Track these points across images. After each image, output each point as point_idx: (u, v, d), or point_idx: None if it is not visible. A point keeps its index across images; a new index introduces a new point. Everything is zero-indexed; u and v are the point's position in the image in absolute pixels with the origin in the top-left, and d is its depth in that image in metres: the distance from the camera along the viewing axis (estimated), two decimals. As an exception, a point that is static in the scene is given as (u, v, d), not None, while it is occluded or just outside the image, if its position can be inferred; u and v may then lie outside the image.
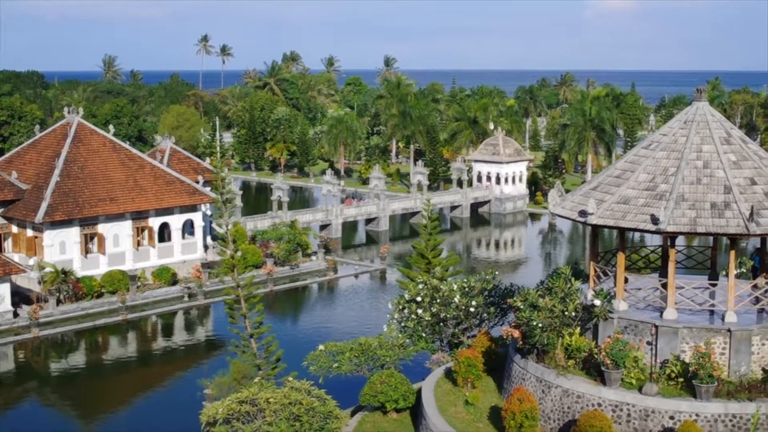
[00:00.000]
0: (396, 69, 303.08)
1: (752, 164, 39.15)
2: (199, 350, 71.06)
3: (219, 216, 52.14)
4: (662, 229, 37.12)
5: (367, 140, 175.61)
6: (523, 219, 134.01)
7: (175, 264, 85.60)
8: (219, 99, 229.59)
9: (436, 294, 51.16)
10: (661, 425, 36.16)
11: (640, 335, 38.54)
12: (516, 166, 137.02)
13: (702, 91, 42.24)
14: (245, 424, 36.01)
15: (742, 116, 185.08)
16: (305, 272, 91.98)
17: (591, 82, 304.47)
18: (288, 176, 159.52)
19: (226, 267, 51.57)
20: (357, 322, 75.00)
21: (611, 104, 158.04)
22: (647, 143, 41.70)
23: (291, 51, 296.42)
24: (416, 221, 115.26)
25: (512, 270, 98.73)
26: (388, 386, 42.92)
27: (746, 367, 37.51)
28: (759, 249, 45.30)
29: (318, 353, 47.83)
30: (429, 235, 64.95)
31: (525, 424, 36.81)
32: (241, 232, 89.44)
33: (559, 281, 40.05)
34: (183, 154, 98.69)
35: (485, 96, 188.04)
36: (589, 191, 40.85)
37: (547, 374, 39.09)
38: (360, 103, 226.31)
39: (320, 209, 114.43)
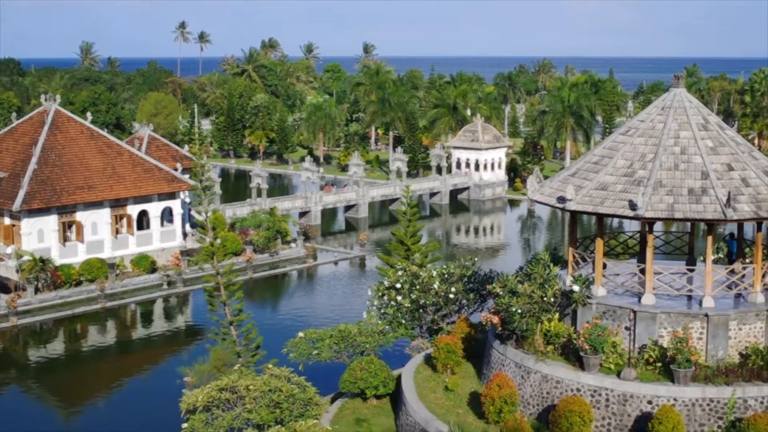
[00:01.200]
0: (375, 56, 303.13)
1: (729, 150, 39.35)
2: (178, 338, 70.96)
3: (198, 203, 52.09)
4: (640, 215, 37.29)
5: (346, 127, 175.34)
6: (502, 205, 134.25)
7: (154, 252, 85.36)
8: (197, 86, 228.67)
9: (416, 280, 51.21)
10: (640, 410, 36.38)
11: (618, 320, 38.74)
12: (495, 153, 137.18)
13: (680, 78, 42.40)
14: (225, 411, 36.00)
15: (720, 102, 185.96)
16: (284, 259, 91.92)
17: (569, 68, 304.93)
18: (267, 163, 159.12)
19: (206, 254, 51.48)
20: (336, 309, 75.04)
21: (589, 91, 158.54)
22: (625, 129, 41.83)
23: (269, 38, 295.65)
24: (395, 208, 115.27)
25: (491, 256, 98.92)
26: (368, 373, 43.03)
27: (723, 352, 37.77)
28: (732, 234, 45.63)
29: (298, 340, 47.84)
30: (408, 221, 64.98)
31: (504, 409, 36.99)
32: (220, 219, 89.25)
33: (538, 267, 40.19)
34: (161, 142, 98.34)
35: (464, 83, 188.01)
36: (568, 177, 40.97)
37: (527, 360, 39.25)
38: (339, 90, 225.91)
39: (299, 196, 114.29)
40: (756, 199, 37.45)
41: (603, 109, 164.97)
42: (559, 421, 35.60)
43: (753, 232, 40.71)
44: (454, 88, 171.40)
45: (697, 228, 47.54)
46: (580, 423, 35.32)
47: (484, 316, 41.44)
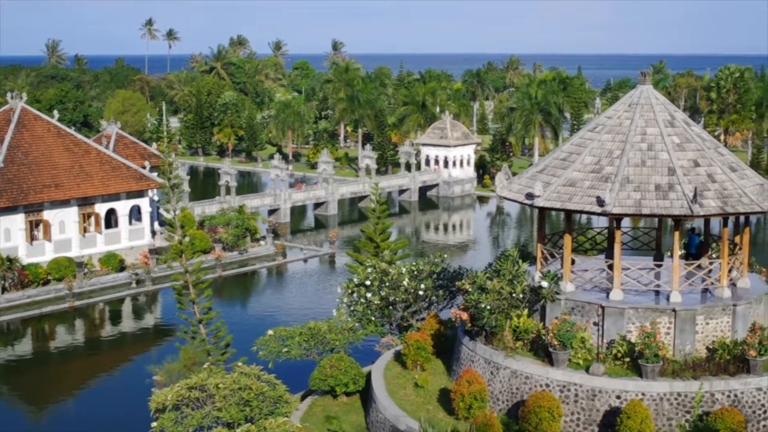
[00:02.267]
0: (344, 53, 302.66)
1: (695, 146, 39.66)
2: (147, 337, 70.66)
3: (166, 201, 51.91)
4: (608, 211, 37.52)
5: (315, 124, 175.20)
6: (471, 202, 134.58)
7: (123, 250, 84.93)
8: (165, 84, 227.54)
9: (385, 277, 51.26)
10: (608, 404, 36.62)
11: (587, 316, 38.96)
12: (464, 150, 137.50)
13: (646, 75, 42.69)
14: (195, 410, 35.85)
15: (686, 99, 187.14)
16: (254, 257, 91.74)
17: (537, 65, 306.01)
18: (236, 161, 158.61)
19: (174, 253, 51.29)
20: (306, 306, 74.98)
21: (557, 88, 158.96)
22: (593, 126, 42.08)
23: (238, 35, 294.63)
24: (365, 205, 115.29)
25: (461, 253, 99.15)
26: (338, 370, 43.06)
27: (691, 346, 38.08)
28: (693, 228, 45.98)
29: (267, 338, 47.79)
30: (377, 218, 65.04)
31: (474, 405, 37.11)
32: (189, 217, 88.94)
33: (507, 263, 40.32)
34: (129, 140, 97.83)
35: (433, 80, 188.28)
36: (536, 174, 41.15)
37: (496, 356, 39.40)
38: (308, 87, 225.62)
39: (268, 194, 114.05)
40: (722, 195, 37.77)
41: (571, 106, 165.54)
42: (529, 417, 35.76)
43: (719, 228, 41.04)
44: (422, 86, 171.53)
45: (665, 224, 47.87)
46: (549, 418, 35.49)
47: (454, 313, 41.53)
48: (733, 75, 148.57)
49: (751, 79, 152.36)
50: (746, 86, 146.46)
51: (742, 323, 38.71)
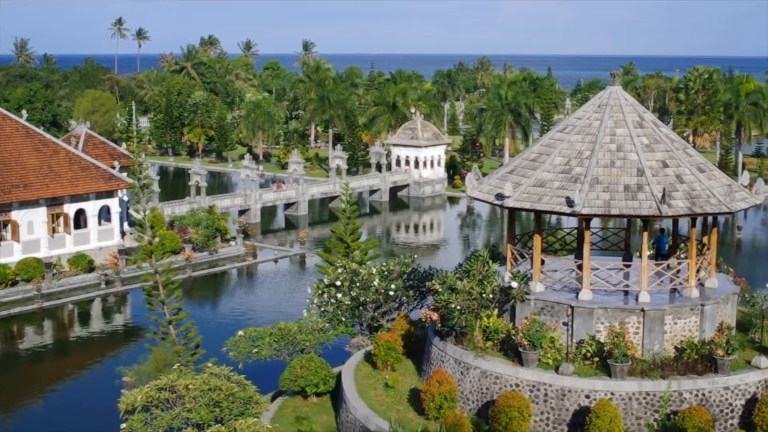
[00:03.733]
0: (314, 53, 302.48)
1: (664, 147, 39.93)
2: (117, 338, 70.29)
3: (136, 202, 51.76)
4: (577, 212, 37.71)
5: (285, 125, 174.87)
6: (441, 202, 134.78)
7: (92, 251, 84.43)
8: (135, 83, 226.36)
9: (356, 278, 51.29)
10: (578, 404, 36.80)
11: (556, 316, 39.13)
12: (434, 150, 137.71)
13: (616, 76, 42.94)
14: (164, 411, 35.75)
15: (655, 100, 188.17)
16: (224, 258, 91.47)
17: (508, 66, 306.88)
18: (206, 161, 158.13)
19: (144, 253, 51.12)
20: (276, 307, 74.83)
21: (528, 88, 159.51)
22: (562, 127, 42.27)
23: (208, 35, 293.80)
24: (335, 205, 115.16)
25: (431, 253, 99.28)
26: (308, 370, 43.03)
27: (659, 346, 38.33)
28: (662, 229, 46.28)
29: (237, 339, 47.69)
30: (348, 219, 65.04)
31: (444, 405, 37.18)
32: (158, 217, 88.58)
33: (477, 264, 40.44)
34: (98, 140, 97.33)
35: (404, 80, 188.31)
36: (506, 174, 41.29)
37: (466, 356, 39.49)
38: (278, 87, 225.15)
39: (239, 194, 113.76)
40: (690, 196, 38.05)
41: (541, 107, 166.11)
42: (499, 417, 35.87)
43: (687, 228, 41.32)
44: (393, 86, 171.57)
45: (634, 224, 48.16)
46: (519, 418, 35.61)
47: (424, 313, 41.60)
48: (701, 76, 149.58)
49: (720, 81, 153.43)
50: (715, 88, 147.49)
51: (709, 323, 39.00)
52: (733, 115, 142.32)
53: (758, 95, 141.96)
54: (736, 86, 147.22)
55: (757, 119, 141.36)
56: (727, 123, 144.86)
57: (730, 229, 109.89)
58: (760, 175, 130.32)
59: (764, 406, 35.92)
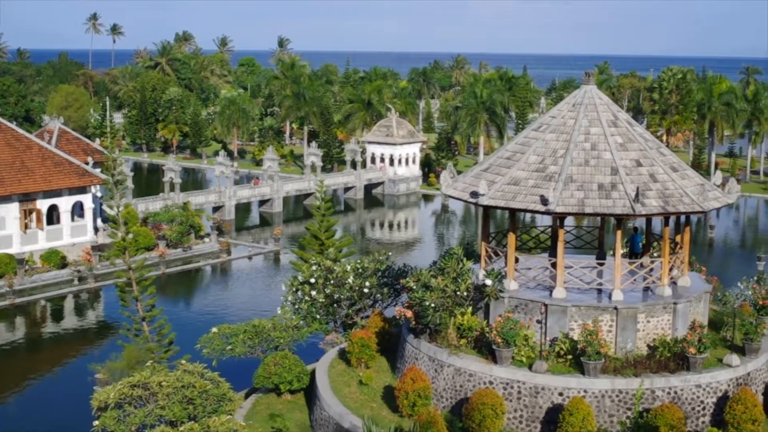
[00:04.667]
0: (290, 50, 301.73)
1: (638, 146, 40.11)
2: (89, 334, 69.95)
3: (110, 198, 51.47)
4: (551, 210, 37.82)
5: (260, 121, 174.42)
6: (416, 200, 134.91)
7: (65, 247, 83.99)
8: (109, 79, 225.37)
9: (330, 275, 51.27)
10: (551, 402, 36.93)
11: (530, 314, 39.25)
12: (409, 148, 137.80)
13: (590, 75, 43.11)
14: (137, 408, 35.62)
15: (630, 100, 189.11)
16: (198, 254, 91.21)
17: (483, 64, 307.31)
18: (180, 157, 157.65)
19: (117, 249, 50.92)
20: (251, 304, 74.70)
21: (503, 87, 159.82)
22: (537, 125, 42.38)
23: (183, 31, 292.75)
24: (310, 203, 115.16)
25: (405, 251, 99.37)
26: (282, 368, 42.96)
27: (632, 344, 38.51)
28: (636, 228, 46.52)
29: (211, 336, 47.54)
30: (322, 216, 65.00)
31: (418, 403, 37.23)
32: (132, 214, 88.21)
33: (452, 261, 40.50)
34: (72, 135, 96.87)
35: (379, 78, 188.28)
36: (481, 172, 41.37)
37: (440, 353, 39.55)
38: (253, 84, 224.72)
39: (213, 191, 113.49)
40: (663, 195, 38.25)
41: (516, 105, 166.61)
42: (472, 414, 35.94)
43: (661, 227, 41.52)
44: (369, 83, 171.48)
45: (607, 222, 48.36)
46: (492, 415, 35.70)
47: (398, 310, 41.63)
48: (675, 76, 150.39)
49: (693, 81, 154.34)
50: (688, 87, 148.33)
51: (682, 321, 39.23)
52: (706, 115, 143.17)
53: (731, 95, 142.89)
54: (709, 86, 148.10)
55: (730, 119, 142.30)
56: (700, 123, 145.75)
57: (703, 228, 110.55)
58: (732, 174, 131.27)
59: (735, 404, 36.17)
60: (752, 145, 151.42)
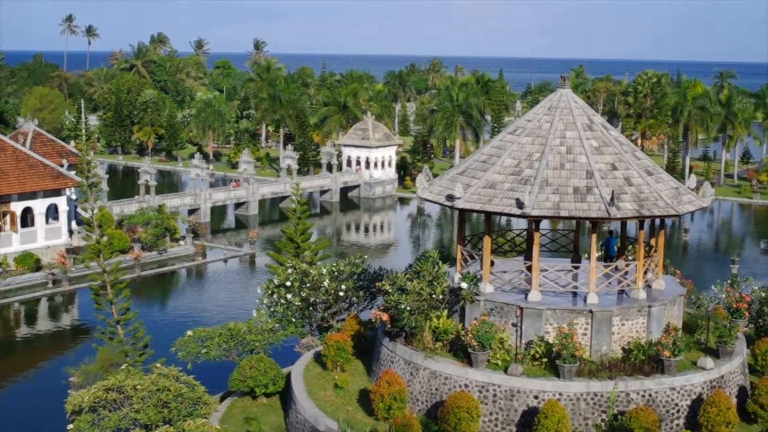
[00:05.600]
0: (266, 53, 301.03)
1: (613, 150, 40.26)
2: (64, 338, 69.61)
3: (84, 200, 51.28)
4: (527, 213, 37.91)
5: (236, 124, 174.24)
6: (392, 203, 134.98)
7: (39, 249, 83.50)
8: (84, 81, 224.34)
9: (306, 278, 51.21)
10: (526, 405, 36.99)
11: (505, 317, 39.32)
12: (385, 151, 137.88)
13: (566, 79, 43.24)
14: (112, 411, 35.46)
15: (605, 103, 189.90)
16: (173, 257, 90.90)
17: (459, 68, 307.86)
18: (155, 160, 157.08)
19: (92, 252, 50.67)
20: (226, 307, 74.53)
21: (479, 90, 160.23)
22: (513, 129, 42.47)
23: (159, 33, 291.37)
24: (286, 205, 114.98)
25: (381, 254, 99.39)
26: (258, 371, 42.87)
27: (607, 347, 38.64)
28: (611, 231, 46.71)
29: (186, 339, 47.41)
30: (298, 219, 64.93)
31: (394, 406, 37.21)
32: (107, 216, 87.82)
33: (427, 265, 40.54)
34: (46, 137, 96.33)
35: (355, 81, 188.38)
36: (456, 176, 41.42)
37: (415, 357, 39.56)
38: (229, 86, 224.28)
39: (189, 193, 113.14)
40: (638, 198, 38.41)
41: (492, 109, 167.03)
42: (448, 417, 35.97)
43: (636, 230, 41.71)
44: (344, 86, 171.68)
45: (583, 226, 48.51)
46: (468, 418, 35.74)
47: (374, 314, 41.63)
48: (650, 80, 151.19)
49: (668, 85, 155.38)
50: (663, 91, 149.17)
51: (656, 324, 39.40)
52: (680, 118, 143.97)
53: (705, 99, 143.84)
54: (684, 90, 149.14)
55: (704, 123, 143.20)
56: (675, 126, 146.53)
57: (677, 232, 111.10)
58: (706, 178, 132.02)
59: (709, 407, 36.36)
60: (726, 148, 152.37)
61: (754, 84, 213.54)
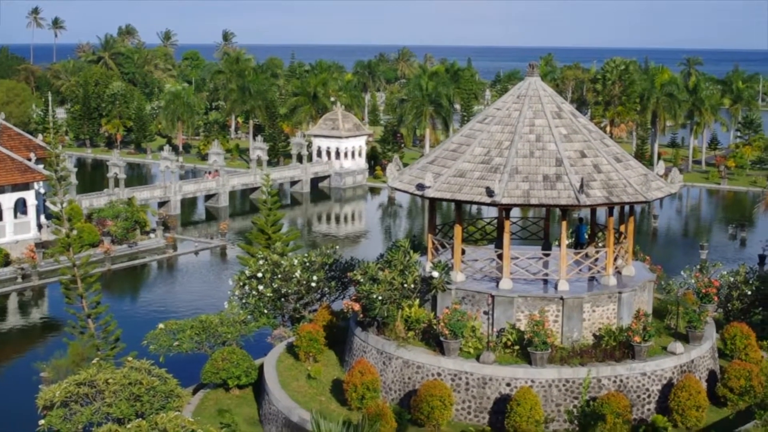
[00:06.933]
0: (234, 44, 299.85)
1: (582, 137, 40.43)
2: (34, 332, 69.18)
3: (53, 194, 50.85)
4: (497, 202, 38.03)
5: (205, 116, 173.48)
6: (362, 193, 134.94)
7: (8, 244, 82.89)
8: (51, 74, 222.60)
9: (277, 269, 51.16)
10: (499, 392, 37.17)
11: (477, 305, 39.45)
12: (355, 141, 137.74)
13: (534, 67, 43.37)
14: (84, 406, 35.33)
15: (573, 91, 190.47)
16: (144, 250, 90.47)
17: (429, 57, 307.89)
18: (124, 153, 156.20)
19: (62, 246, 50.36)
20: (198, 299, 74.29)
21: (448, 79, 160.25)
22: (482, 117, 42.56)
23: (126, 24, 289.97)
24: (256, 197, 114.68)
25: (352, 244, 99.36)
26: (230, 363, 42.83)
27: (578, 334, 38.87)
28: (581, 218, 46.95)
29: (158, 332, 47.23)
30: (269, 210, 64.78)
31: (367, 395, 37.29)
32: (76, 210, 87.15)
33: (398, 254, 40.59)
34: (14, 131, 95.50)
35: (324, 71, 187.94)
36: (427, 165, 41.47)
37: (388, 346, 39.64)
38: (198, 78, 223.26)
39: (158, 186, 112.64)
40: (607, 185, 38.60)
41: (461, 98, 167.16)
42: (421, 406, 36.10)
43: (605, 217, 41.93)
44: (314, 76, 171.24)
45: (553, 213, 48.72)
46: (441, 407, 35.89)
47: (346, 304, 41.68)
48: (618, 68, 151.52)
49: (636, 72, 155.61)
50: (631, 79, 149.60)
51: (627, 310, 39.66)
52: (648, 105, 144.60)
53: (673, 86, 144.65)
54: (651, 77, 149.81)
55: (672, 110, 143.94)
56: (643, 113, 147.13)
57: (647, 218, 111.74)
58: (675, 164, 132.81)
59: (680, 391, 36.69)
60: (694, 135, 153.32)
61: (720, 71, 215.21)
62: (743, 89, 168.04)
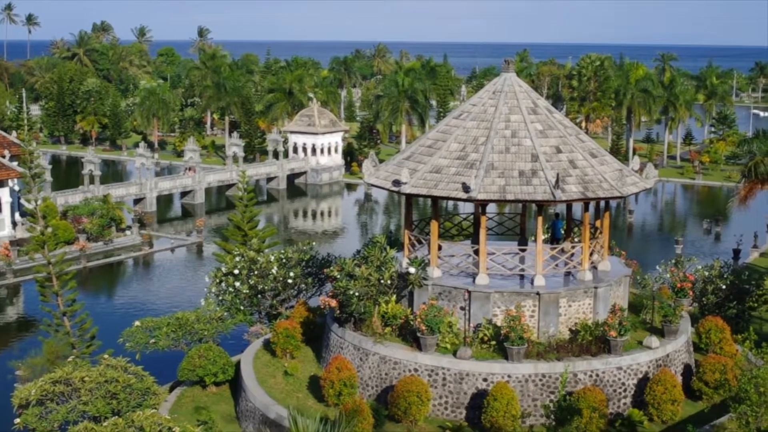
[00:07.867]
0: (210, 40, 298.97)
1: (557, 133, 40.56)
2: (9, 331, 68.80)
3: (27, 191, 50.65)
4: (473, 197, 38.10)
5: (181, 112, 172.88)
6: (339, 189, 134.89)
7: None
8: (25, 70, 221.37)
9: (254, 266, 51.08)
10: (476, 387, 37.26)
11: (453, 301, 39.52)
12: (331, 137, 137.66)
13: (510, 63, 43.43)
14: (60, 404, 35.14)
15: (549, 87, 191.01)
16: (120, 247, 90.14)
17: (404, 53, 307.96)
18: (100, 149, 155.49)
19: (36, 244, 50.10)
20: (174, 296, 74.12)
21: (424, 75, 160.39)
22: (458, 113, 42.61)
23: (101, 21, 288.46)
24: (232, 193, 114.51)
25: (329, 240, 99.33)
26: (207, 360, 42.73)
27: (554, 329, 39.00)
28: (557, 214, 47.11)
29: (134, 329, 47.05)
30: (245, 207, 64.66)
31: (344, 392, 37.28)
32: (51, 207, 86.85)
33: (375, 250, 40.60)
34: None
35: (300, 67, 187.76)
36: (403, 161, 41.49)
37: (365, 342, 39.66)
38: (173, 74, 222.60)
39: (134, 183, 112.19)
40: (583, 181, 38.74)
41: (437, 94, 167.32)
42: (398, 402, 36.13)
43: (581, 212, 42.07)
44: (289, 73, 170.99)
45: (529, 209, 48.83)
46: (418, 402, 35.93)
47: (323, 300, 41.68)
48: (593, 63, 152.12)
49: (611, 68, 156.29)
50: (606, 74, 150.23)
51: (603, 305, 39.83)
52: (623, 101, 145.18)
53: (647, 82, 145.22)
54: (626, 73, 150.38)
55: (647, 105, 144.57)
56: (618, 109, 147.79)
57: (622, 213, 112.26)
58: (650, 159, 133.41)
59: (655, 385, 36.89)
60: (668, 130, 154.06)
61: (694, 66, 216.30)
62: (717, 85, 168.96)
